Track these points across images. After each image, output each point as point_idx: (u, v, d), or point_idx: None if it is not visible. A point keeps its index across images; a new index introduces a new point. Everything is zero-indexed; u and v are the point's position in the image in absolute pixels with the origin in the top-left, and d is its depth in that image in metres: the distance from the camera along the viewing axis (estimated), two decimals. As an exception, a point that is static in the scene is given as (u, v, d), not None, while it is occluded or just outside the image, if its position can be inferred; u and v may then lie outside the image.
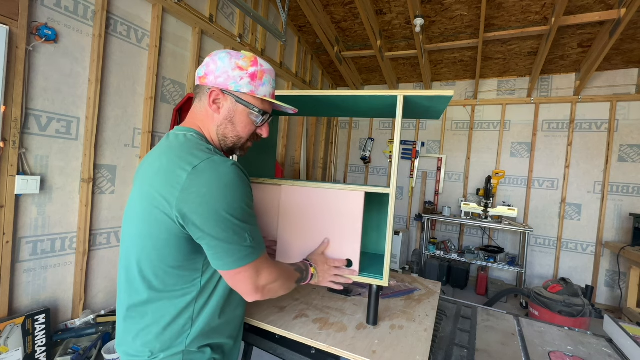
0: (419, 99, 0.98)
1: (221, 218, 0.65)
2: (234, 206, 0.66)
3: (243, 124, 0.79)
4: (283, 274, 0.79)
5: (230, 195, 0.66)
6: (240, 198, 0.67)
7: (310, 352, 0.95)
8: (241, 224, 0.67)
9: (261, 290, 0.73)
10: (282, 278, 0.78)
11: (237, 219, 0.67)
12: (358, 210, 0.95)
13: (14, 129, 1.60)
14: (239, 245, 0.67)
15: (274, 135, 1.41)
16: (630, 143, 3.50)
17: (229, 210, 0.65)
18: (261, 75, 0.77)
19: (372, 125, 4.95)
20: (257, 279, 0.72)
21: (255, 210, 0.81)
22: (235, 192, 0.67)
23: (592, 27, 3.03)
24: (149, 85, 2.22)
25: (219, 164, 0.67)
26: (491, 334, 1.15)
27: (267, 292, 0.75)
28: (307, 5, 3.15)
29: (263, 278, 0.73)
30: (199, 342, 0.74)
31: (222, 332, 0.78)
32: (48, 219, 1.80)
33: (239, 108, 0.77)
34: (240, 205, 0.67)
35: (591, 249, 3.64)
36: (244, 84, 0.75)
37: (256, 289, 0.72)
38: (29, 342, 1.65)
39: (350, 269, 0.98)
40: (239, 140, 0.81)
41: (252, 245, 0.70)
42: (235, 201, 0.67)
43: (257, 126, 0.81)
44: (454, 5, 3.01)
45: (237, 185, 0.67)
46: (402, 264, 4.24)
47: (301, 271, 0.88)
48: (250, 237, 0.69)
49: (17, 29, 1.58)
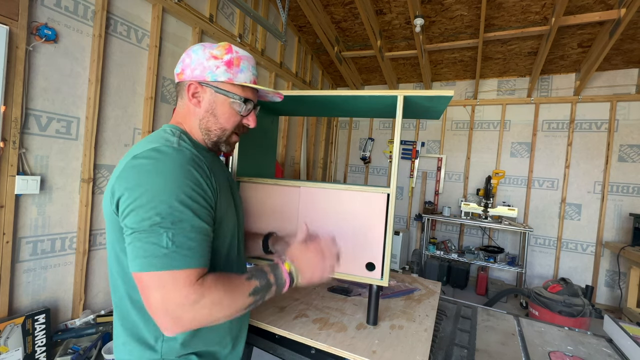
0: (419, 99, 0.98)
1: (142, 207, 0.57)
2: (160, 198, 0.57)
3: (226, 115, 0.75)
4: (220, 294, 0.59)
5: (157, 185, 0.58)
6: (170, 191, 0.58)
7: (310, 352, 0.95)
8: (161, 221, 0.57)
9: (176, 317, 0.55)
10: (221, 301, 0.59)
11: (158, 213, 0.57)
12: (380, 211, 0.94)
13: (14, 129, 1.60)
14: (150, 245, 0.56)
15: (274, 135, 1.41)
16: (630, 143, 3.50)
17: (151, 201, 0.57)
18: (237, 62, 0.73)
19: (372, 125, 4.95)
20: (166, 299, 0.55)
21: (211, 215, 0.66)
22: (166, 184, 0.58)
23: (592, 27, 3.03)
24: (149, 85, 2.22)
25: (160, 151, 0.62)
26: (491, 334, 1.15)
27: (188, 320, 0.56)
28: (307, 5, 3.15)
29: (175, 299, 0.55)
30: (179, 351, 0.68)
31: (206, 339, 0.72)
32: (48, 219, 1.80)
33: (219, 98, 0.74)
34: (167, 198, 0.58)
35: (591, 249, 3.64)
36: (221, 72, 0.72)
37: (165, 313, 0.55)
38: (29, 342, 1.65)
39: (373, 272, 0.94)
40: (223, 132, 0.76)
41: (169, 253, 0.56)
42: (163, 193, 0.58)
43: (242, 116, 0.77)
44: (454, 5, 3.01)
45: (171, 177, 0.59)
46: (402, 264, 4.24)
47: (262, 276, 0.67)
48: (171, 241, 0.56)
49: (17, 29, 1.58)
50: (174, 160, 0.62)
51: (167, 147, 0.64)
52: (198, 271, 0.59)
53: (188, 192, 0.60)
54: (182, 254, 0.57)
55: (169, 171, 0.60)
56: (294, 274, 0.71)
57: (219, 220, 0.70)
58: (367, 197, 0.95)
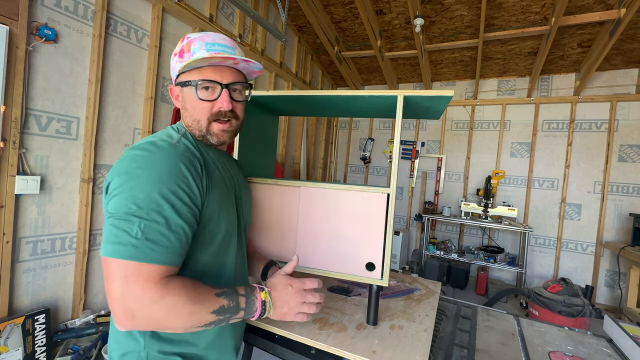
0: (419, 99, 0.98)
1: (123, 194, 0.57)
2: (142, 188, 0.57)
3: (192, 105, 0.72)
4: (181, 301, 0.57)
5: (143, 176, 0.58)
6: (153, 183, 0.58)
7: (310, 352, 0.95)
8: (137, 210, 0.56)
9: (130, 311, 0.54)
10: (180, 308, 0.56)
11: (136, 202, 0.56)
12: (380, 211, 0.94)
13: (14, 129, 1.60)
14: (121, 231, 0.55)
15: (274, 135, 1.41)
16: (630, 143, 3.50)
17: (133, 190, 0.57)
18: (188, 47, 0.70)
19: (372, 125, 4.95)
20: (125, 290, 0.54)
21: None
22: (152, 176, 0.58)
23: (592, 27, 3.03)
24: (149, 85, 2.23)
25: (155, 145, 0.62)
26: (491, 334, 1.15)
27: (142, 317, 0.55)
28: (307, 5, 3.15)
29: (133, 292, 0.54)
30: (162, 347, 0.66)
31: (192, 341, 0.69)
32: (48, 219, 1.80)
33: (185, 91, 0.73)
34: (149, 189, 0.57)
35: (591, 249, 3.64)
36: (177, 65, 0.71)
37: (121, 305, 0.54)
38: (29, 342, 1.65)
39: (373, 272, 0.94)
40: (198, 124, 0.72)
41: (137, 244, 0.55)
42: (146, 184, 0.57)
43: (210, 100, 0.71)
44: (454, 5, 3.01)
45: (157, 170, 0.59)
46: (402, 264, 4.24)
47: (233, 297, 0.63)
48: (141, 232, 0.55)
49: (17, 29, 1.58)
50: (165, 154, 0.62)
51: (164, 141, 0.64)
52: (164, 269, 0.57)
53: (172, 187, 0.59)
54: (150, 247, 0.55)
55: (157, 164, 0.60)
56: (267, 306, 0.67)
57: (207, 220, 0.68)
58: (367, 197, 0.95)
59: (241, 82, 0.75)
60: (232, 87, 0.73)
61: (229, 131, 0.76)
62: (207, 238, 0.69)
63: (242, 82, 0.76)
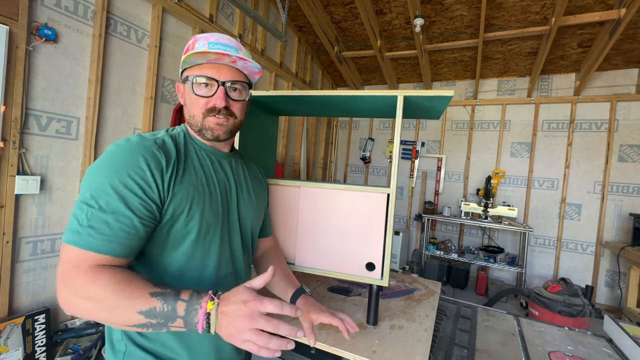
0: (419, 99, 0.98)
1: (84, 184, 0.60)
2: (97, 178, 0.59)
3: (191, 100, 0.73)
4: (104, 293, 0.53)
5: (101, 168, 0.61)
6: (107, 174, 0.59)
7: (310, 352, 0.95)
8: (89, 198, 0.58)
9: (62, 294, 0.55)
10: (102, 300, 0.53)
11: (89, 191, 0.58)
12: (380, 211, 0.94)
13: (14, 129, 1.60)
14: (73, 218, 0.58)
15: (274, 135, 1.41)
16: (630, 143, 3.50)
17: (90, 180, 0.60)
18: (193, 45, 0.71)
19: (372, 125, 4.95)
20: (62, 274, 0.55)
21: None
22: (108, 167, 0.60)
23: (592, 27, 3.03)
24: (149, 85, 2.22)
25: (128, 140, 0.65)
26: (491, 334, 1.15)
27: (66, 301, 0.55)
28: (307, 5, 3.15)
29: (66, 276, 0.55)
30: (139, 354, 0.67)
31: (168, 344, 0.69)
32: (48, 219, 1.80)
33: (186, 87, 0.74)
34: (102, 180, 0.59)
35: (591, 249, 3.64)
36: (183, 62, 0.73)
37: (59, 286, 0.56)
38: (29, 342, 1.65)
39: (373, 272, 0.94)
40: (194, 119, 0.74)
41: (80, 230, 0.56)
42: (101, 175, 0.60)
43: (206, 97, 0.71)
44: (454, 5, 3.01)
45: (114, 162, 0.61)
46: (402, 264, 4.24)
47: (170, 301, 0.54)
48: (87, 219, 0.56)
49: (17, 29, 1.58)
50: (128, 148, 0.63)
51: (139, 137, 0.66)
52: (99, 257, 0.56)
53: (123, 178, 0.59)
54: (90, 234, 0.56)
55: (117, 157, 0.62)
56: (211, 321, 0.54)
57: (173, 217, 0.66)
58: (367, 197, 0.95)
59: (240, 81, 0.74)
60: (231, 86, 0.73)
61: (225, 125, 0.74)
62: (176, 237, 0.68)
63: (241, 81, 0.75)
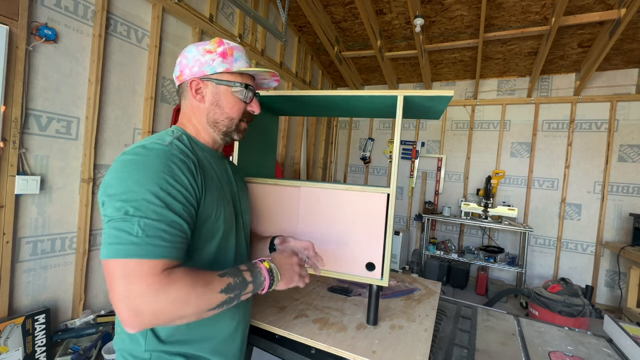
0: (419, 99, 0.98)
1: (117, 196, 0.58)
2: (135, 189, 0.58)
3: (230, 104, 0.77)
4: (187, 288, 0.57)
5: (135, 178, 0.59)
6: (146, 183, 0.59)
7: (310, 352, 0.95)
8: (134, 211, 0.57)
9: (136, 309, 0.53)
10: (187, 295, 0.56)
11: (131, 204, 0.57)
12: (380, 211, 0.94)
13: (14, 129, 1.60)
14: (121, 232, 0.55)
15: (274, 135, 1.41)
16: (630, 143, 3.50)
17: (127, 192, 0.58)
18: (231, 52, 0.76)
19: (372, 125, 4.95)
20: (128, 288, 0.53)
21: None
22: (143, 177, 0.59)
23: (592, 27, 3.03)
24: (149, 85, 2.22)
25: (146, 148, 0.64)
26: (491, 334, 1.15)
27: (149, 312, 0.53)
28: (307, 5, 3.15)
29: (137, 289, 0.53)
30: (163, 347, 0.68)
31: (197, 344, 0.72)
32: (48, 219, 1.80)
33: (221, 89, 0.76)
34: (142, 190, 0.58)
35: (591, 249, 3.64)
36: (217, 64, 0.75)
37: (126, 304, 0.53)
38: (29, 342, 1.65)
39: (373, 272, 0.94)
40: (230, 122, 0.78)
41: (138, 241, 0.55)
42: (139, 185, 0.58)
43: (245, 102, 0.79)
44: (454, 5, 3.01)
45: (149, 171, 0.60)
46: (402, 264, 4.24)
47: (237, 274, 0.65)
48: (141, 230, 0.56)
49: (17, 29, 1.58)
50: (156, 155, 0.63)
51: (155, 144, 0.65)
52: (165, 262, 0.57)
53: (164, 185, 0.60)
54: (151, 243, 0.56)
55: (148, 165, 0.61)
56: (274, 272, 0.71)
57: (205, 218, 0.69)
58: (367, 197, 0.95)
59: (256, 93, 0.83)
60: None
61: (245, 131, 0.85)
62: (206, 236, 0.71)
63: (257, 93, 0.83)
